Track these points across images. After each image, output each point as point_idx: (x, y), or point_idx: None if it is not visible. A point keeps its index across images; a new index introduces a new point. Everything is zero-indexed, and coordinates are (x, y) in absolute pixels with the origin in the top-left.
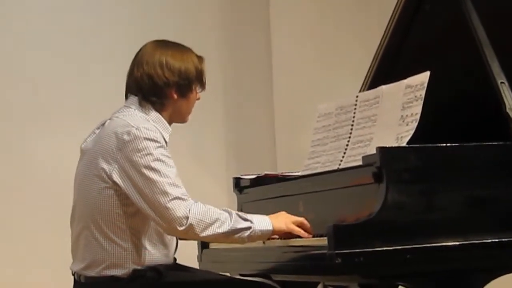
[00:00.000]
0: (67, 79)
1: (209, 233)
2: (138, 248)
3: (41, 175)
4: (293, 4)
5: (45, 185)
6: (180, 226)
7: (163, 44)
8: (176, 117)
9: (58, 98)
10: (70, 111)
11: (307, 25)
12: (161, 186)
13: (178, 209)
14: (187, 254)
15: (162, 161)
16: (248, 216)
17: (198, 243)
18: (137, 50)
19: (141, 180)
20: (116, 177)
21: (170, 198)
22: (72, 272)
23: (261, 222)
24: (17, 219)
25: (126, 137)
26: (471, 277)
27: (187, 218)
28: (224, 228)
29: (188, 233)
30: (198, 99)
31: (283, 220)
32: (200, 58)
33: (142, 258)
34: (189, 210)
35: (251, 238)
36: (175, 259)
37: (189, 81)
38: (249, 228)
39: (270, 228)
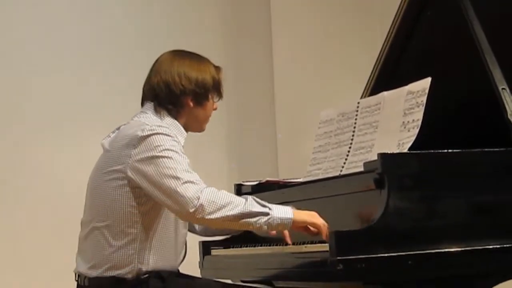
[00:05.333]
0: (77, 87)
1: (221, 215)
2: (146, 249)
3: (50, 182)
4: (295, 12)
5: (54, 193)
6: (192, 208)
7: (180, 54)
8: (193, 125)
9: (69, 107)
10: (80, 120)
11: (308, 32)
12: (173, 172)
13: (189, 191)
14: (189, 261)
15: (175, 151)
16: (268, 204)
17: (199, 250)
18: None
19: (154, 169)
20: (131, 172)
21: (182, 182)
22: (75, 276)
23: (281, 210)
24: (25, 226)
25: (140, 133)
26: (473, 283)
27: (198, 198)
28: (238, 210)
29: (200, 215)
30: (215, 109)
31: (306, 214)
32: (217, 68)
33: (148, 259)
34: (201, 191)
35: (270, 226)
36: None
37: (206, 89)
38: (266, 214)
39: (290, 216)
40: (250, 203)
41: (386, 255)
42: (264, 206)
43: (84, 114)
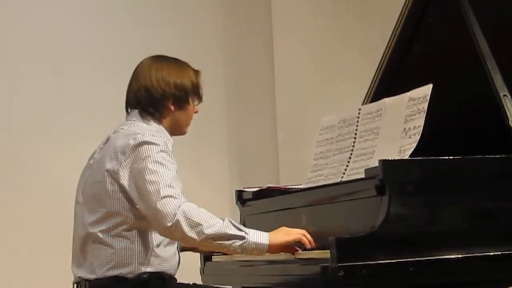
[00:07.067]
0: (72, 91)
1: (196, 233)
2: (145, 250)
3: (47, 187)
4: (296, 17)
5: (51, 198)
6: (169, 222)
7: (159, 59)
8: (175, 128)
9: (64, 110)
10: (75, 123)
11: (309, 38)
12: (156, 186)
13: (167, 205)
14: (190, 267)
15: (161, 164)
16: (244, 228)
17: (200, 256)
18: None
19: (140, 180)
20: (122, 180)
21: (162, 196)
22: (74, 286)
23: (257, 236)
24: (22, 231)
25: (132, 141)
26: None
27: (175, 214)
28: (213, 230)
29: (176, 231)
30: (196, 112)
31: (282, 233)
32: (196, 72)
33: (148, 261)
34: (179, 207)
35: (245, 249)
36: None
37: (185, 93)
38: (242, 237)
39: (266, 242)
40: (227, 225)
41: (387, 261)
42: (240, 229)
43: (83, 117)
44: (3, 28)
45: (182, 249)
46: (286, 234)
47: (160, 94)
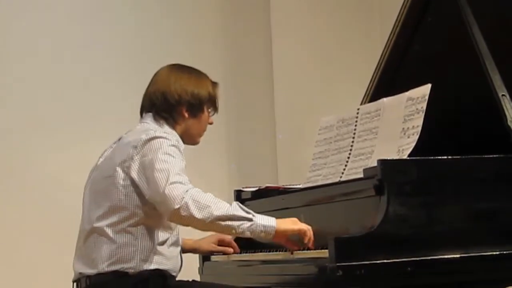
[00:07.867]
0: (73, 92)
1: (205, 214)
2: (148, 248)
3: (47, 188)
4: (295, 18)
5: (51, 198)
6: (177, 204)
7: (179, 68)
8: (187, 137)
9: (65, 111)
10: (76, 125)
11: (308, 39)
12: (165, 173)
13: (175, 190)
14: (189, 267)
15: (171, 155)
16: (251, 211)
17: (199, 256)
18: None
19: (149, 170)
20: (133, 172)
21: (170, 181)
22: (74, 285)
23: (265, 219)
24: (21, 232)
25: (144, 136)
26: None
27: (183, 198)
28: (221, 212)
29: (184, 213)
30: (211, 123)
31: (289, 221)
32: (214, 84)
33: (150, 258)
34: (187, 190)
35: (253, 232)
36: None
37: (201, 102)
38: (250, 219)
39: (274, 224)
40: (234, 207)
41: (385, 261)
42: (248, 212)
43: (84, 117)
44: (3, 28)
45: (182, 250)
46: (293, 223)
47: (176, 99)
